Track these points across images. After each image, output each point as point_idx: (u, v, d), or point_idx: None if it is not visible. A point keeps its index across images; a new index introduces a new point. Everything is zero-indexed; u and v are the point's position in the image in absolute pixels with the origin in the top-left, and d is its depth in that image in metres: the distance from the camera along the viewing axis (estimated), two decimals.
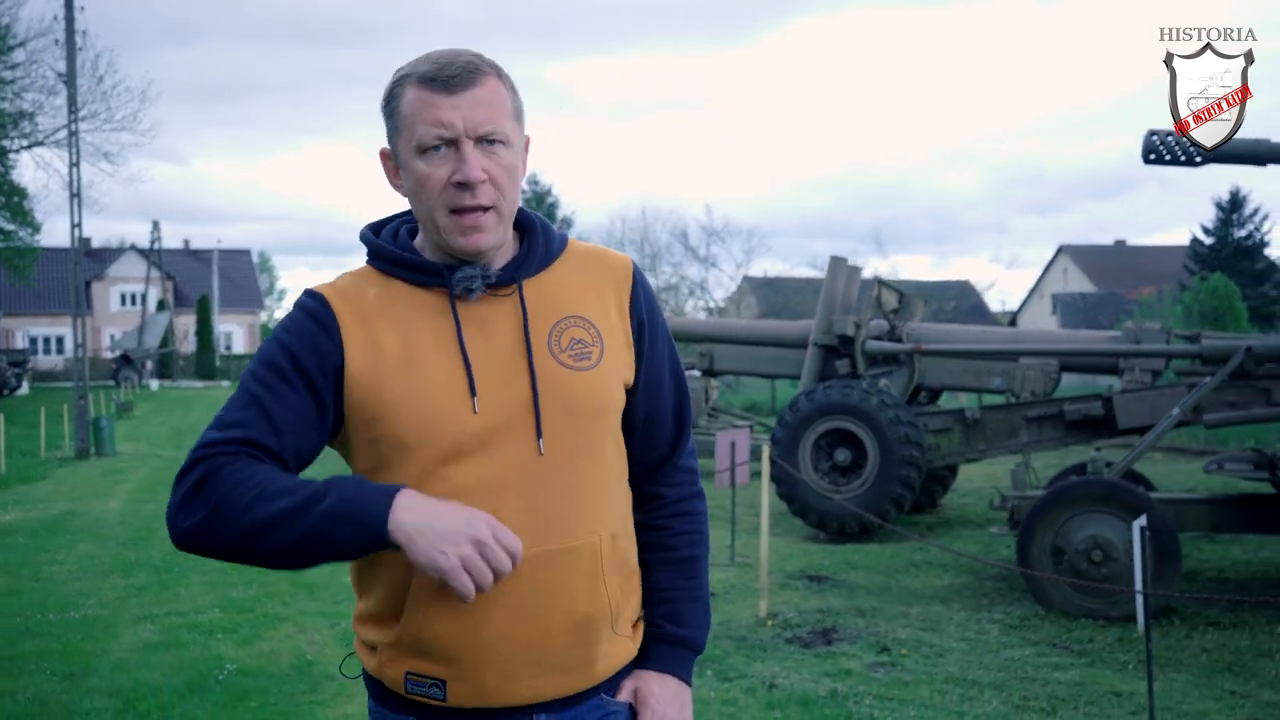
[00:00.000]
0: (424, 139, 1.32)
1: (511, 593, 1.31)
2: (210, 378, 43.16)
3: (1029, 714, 4.22)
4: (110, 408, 23.08)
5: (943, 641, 5.29)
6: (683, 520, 1.51)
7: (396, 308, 1.38)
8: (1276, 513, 6.18)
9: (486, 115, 1.33)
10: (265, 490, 1.25)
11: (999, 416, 8.49)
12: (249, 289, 55.34)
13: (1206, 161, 4.26)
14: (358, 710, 4.25)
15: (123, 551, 7.93)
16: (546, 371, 1.37)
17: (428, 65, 1.34)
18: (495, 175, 1.33)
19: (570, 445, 1.36)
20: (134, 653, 5.14)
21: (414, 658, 1.36)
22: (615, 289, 1.45)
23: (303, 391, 1.34)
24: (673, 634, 1.47)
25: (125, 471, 13.49)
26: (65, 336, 46.47)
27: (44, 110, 26.02)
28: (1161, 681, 4.66)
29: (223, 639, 5.36)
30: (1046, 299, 47.14)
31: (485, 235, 1.34)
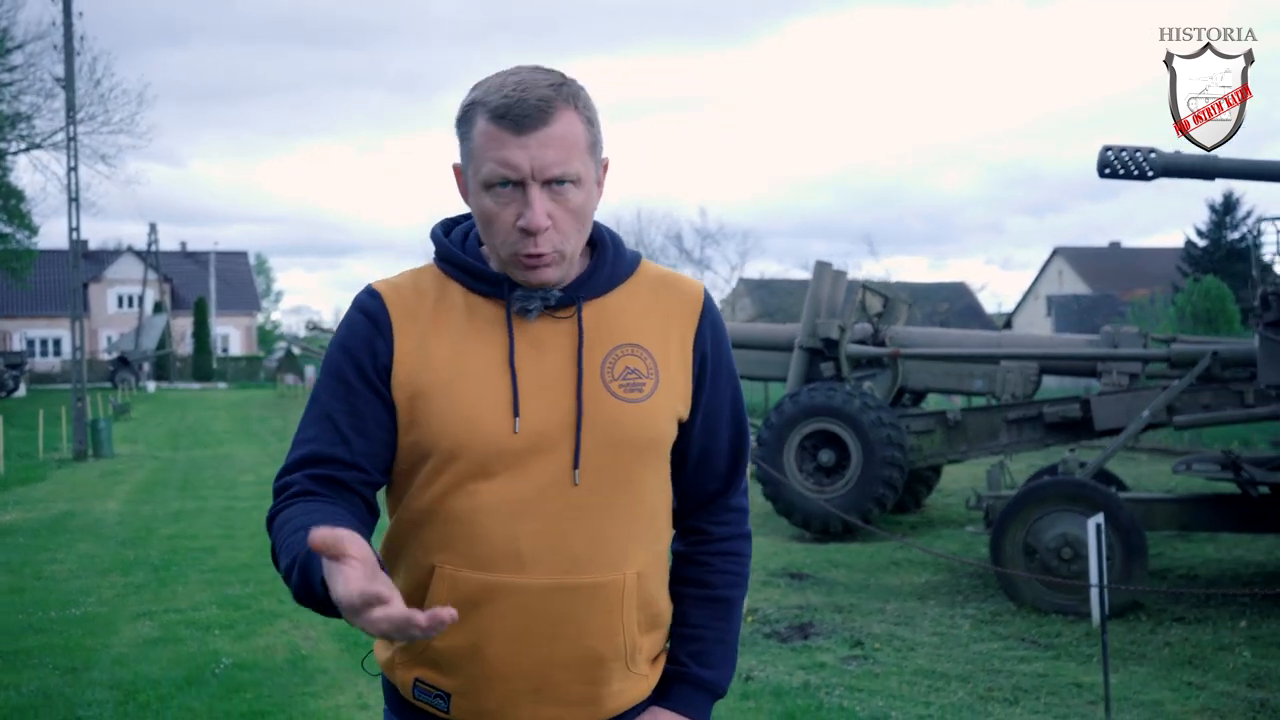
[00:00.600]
0: (490, 176, 1.29)
1: (518, 619, 1.30)
2: (207, 379, 43.28)
3: (992, 704, 4.40)
4: (108, 409, 23.21)
5: (915, 636, 5.48)
6: (725, 560, 1.46)
7: (453, 313, 1.36)
8: (1241, 512, 6.37)
9: (555, 157, 1.28)
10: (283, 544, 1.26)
11: (980, 418, 8.68)
12: (246, 291, 55.46)
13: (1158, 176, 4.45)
14: (349, 701, 4.43)
15: (121, 551, 8.10)
16: (594, 399, 1.33)
17: (499, 97, 1.29)
18: (559, 220, 1.30)
19: (608, 478, 1.33)
20: (133, 648, 5.31)
21: (424, 666, 1.35)
22: (681, 319, 1.41)
23: (367, 394, 1.33)
24: (696, 675, 1.43)
25: (123, 473, 13.65)
26: (62, 338, 46.56)
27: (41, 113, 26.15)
28: (1123, 674, 4.85)
29: (219, 635, 5.53)
30: (1042, 301, 47.34)
31: (548, 272, 1.32)
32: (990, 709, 4.33)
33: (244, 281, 55.84)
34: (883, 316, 9.67)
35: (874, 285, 9.95)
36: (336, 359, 1.37)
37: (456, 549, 1.31)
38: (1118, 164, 4.38)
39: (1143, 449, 14.37)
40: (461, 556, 1.31)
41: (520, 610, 1.30)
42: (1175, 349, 7.33)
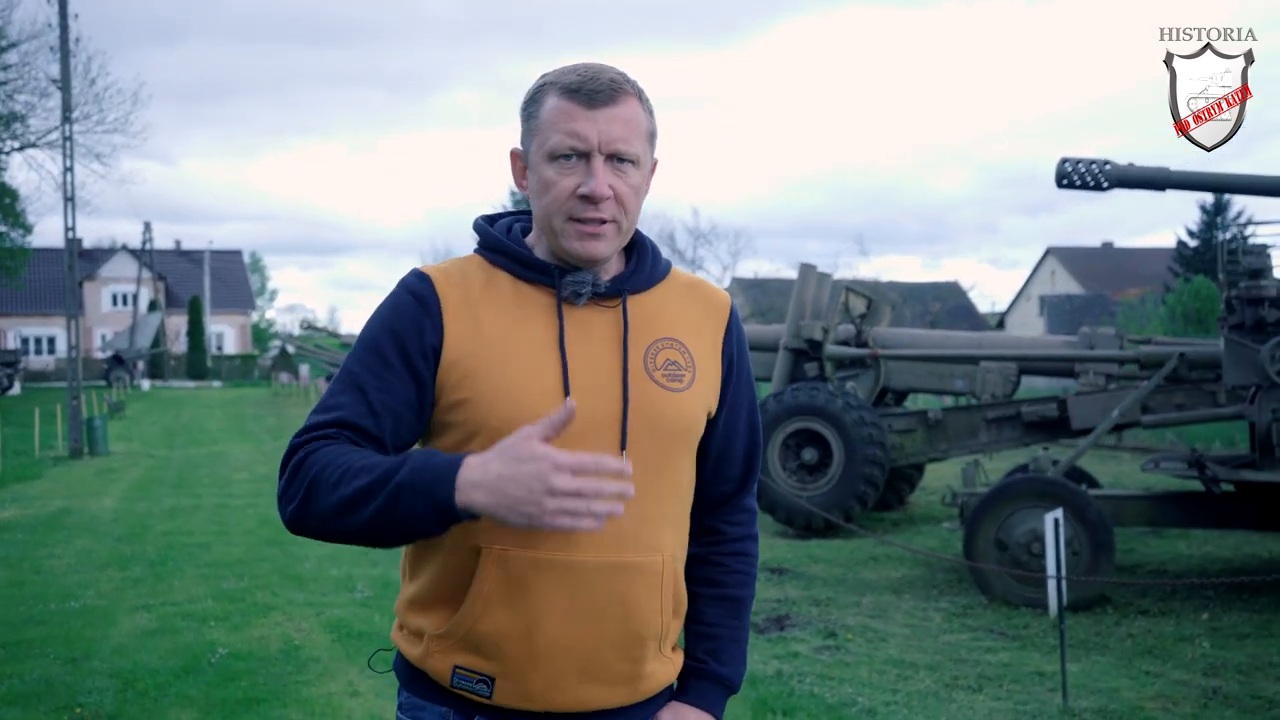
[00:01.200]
0: (557, 146, 1.35)
1: (571, 596, 1.33)
2: (201, 378, 43.35)
3: (957, 691, 4.60)
4: (102, 408, 23.33)
5: (887, 628, 5.67)
6: (737, 560, 1.52)
7: (502, 299, 1.39)
8: (1205, 508, 6.58)
9: (621, 133, 1.35)
10: (351, 468, 1.26)
11: (960, 418, 8.88)
12: (240, 289, 55.53)
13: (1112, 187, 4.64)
14: (340, 689, 4.61)
15: (118, 546, 8.25)
16: (639, 386, 1.39)
17: (574, 76, 1.37)
18: (620, 192, 1.36)
19: (650, 462, 1.37)
20: (132, 639, 5.48)
21: (465, 652, 1.36)
22: (713, 322, 1.48)
23: (403, 373, 1.35)
24: (714, 671, 1.48)
25: (119, 470, 13.79)
26: (56, 337, 46.60)
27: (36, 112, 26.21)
28: (1085, 663, 5.05)
29: (215, 626, 5.70)
30: (1034, 300, 47.61)
31: (602, 244, 1.37)
32: (954, 696, 4.53)
33: (238, 280, 55.91)
34: (866, 318, 9.86)
35: (857, 287, 10.14)
36: (377, 334, 1.38)
37: (506, 528, 1.30)
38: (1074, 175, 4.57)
39: (1125, 448, 14.61)
40: (511, 535, 1.32)
41: (571, 588, 1.33)
42: (1143, 350, 7.54)
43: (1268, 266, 6.20)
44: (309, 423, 1.35)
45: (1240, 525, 6.57)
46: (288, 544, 8.01)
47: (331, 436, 1.33)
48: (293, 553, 7.72)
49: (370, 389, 1.35)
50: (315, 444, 1.32)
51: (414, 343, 1.36)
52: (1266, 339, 6.08)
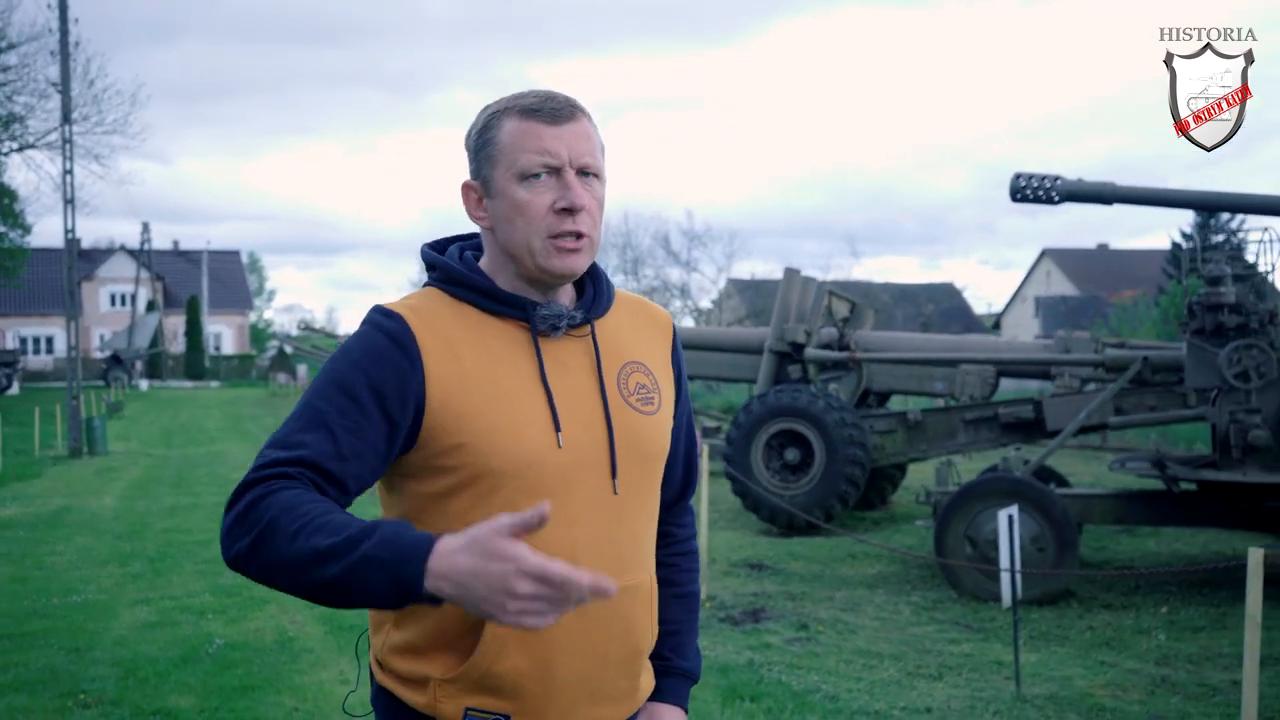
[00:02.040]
0: (528, 166, 1.34)
1: (582, 626, 1.35)
2: (199, 378, 43.54)
3: (919, 679, 4.83)
4: (101, 408, 23.53)
5: (858, 620, 5.91)
6: (686, 559, 1.59)
7: (476, 335, 1.37)
8: (1167, 507, 6.82)
9: (587, 148, 1.37)
10: (312, 522, 1.18)
11: (939, 419, 9.11)
12: (238, 290, 55.71)
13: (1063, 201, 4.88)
14: (331, 677, 4.83)
15: (118, 544, 8.47)
16: (619, 413, 1.40)
17: (529, 99, 1.38)
18: (591, 207, 1.37)
19: (638, 486, 1.41)
20: (132, 631, 5.71)
21: (478, 694, 1.34)
22: (661, 339, 1.52)
23: (377, 419, 1.30)
24: (680, 667, 1.55)
25: (118, 470, 14.00)
26: (55, 336, 46.78)
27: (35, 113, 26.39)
28: (1044, 653, 5.29)
29: (213, 619, 5.93)
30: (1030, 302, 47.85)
31: (581, 258, 1.37)
32: (915, 684, 4.76)
33: (236, 280, 56.09)
34: (849, 321, 10.10)
35: (840, 291, 10.38)
36: (349, 375, 1.31)
37: None
38: (1028, 189, 4.81)
39: (1110, 448, 14.86)
40: None
41: (583, 618, 1.33)
42: (1109, 354, 7.78)
43: (1225, 274, 6.44)
44: (267, 458, 1.26)
45: (1202, 523, 6.81)
46: None
47: (292, 476, 1.25)
48: None
49: (339, 431, 1.28)
50: (274, 484, 1.23)
51: (392, 387, 1.30)
52: (1225, 343, 6.31)
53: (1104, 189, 4.96)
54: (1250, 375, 6.23)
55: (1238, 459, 6.35)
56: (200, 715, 4.33)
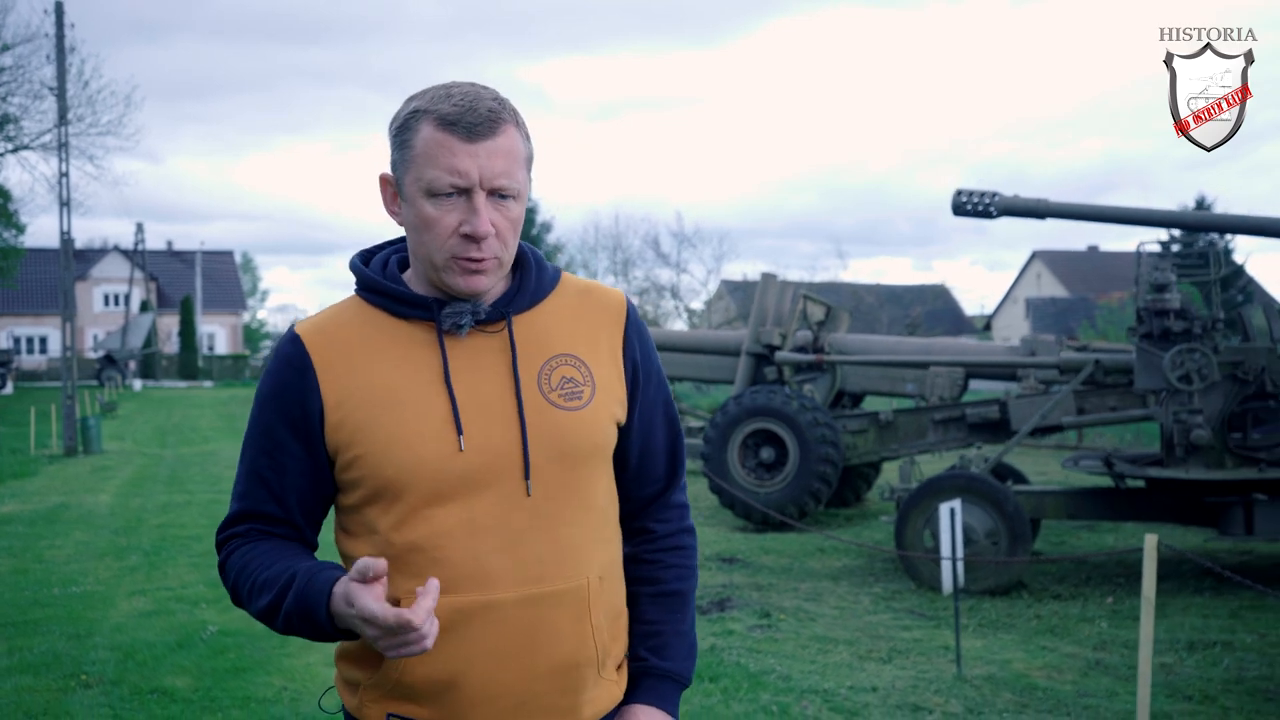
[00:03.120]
0: (436, 183, 1.30)
1: (495, 636, 1.31)
2: (193, 378, 43.75)
3: (869, 662, 5.16)
4: (95, 407, 23.77)
5: (818, 609, 6.24)
6: (672, 554, 1.51)
7: (381, 341, 1.36)
8: (1116, 503, 7.16)
9: (503, 168, 1.31)
10: (256, 582, 1.33)
11: (909, 419, 9.45)
12: (232, 290, 55.93)
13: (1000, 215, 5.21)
14: (318, 660, 5.14)
15: (115, 539, 8.76)
16: (536, 410, 1.35)
17: (449, 106, 1.31)
18: (502, 229, 1.33)
19: (559, 486, 1.35)
20: (130, 618, 6.01)
21: (397, 699, 1.34)
22: (609, 327, 1.44)
23: (294, 447, 1.35)
24: (658, 667, 1.47)
25: (113, 468, 14.27)
26: (49, 336, 46.95)
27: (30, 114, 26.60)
28: (990, 639, 5.62)
29: (206, 607, 6.24)
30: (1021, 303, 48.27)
31: (484, 279, 1.34)
32: (865, 666, 5.09)
33: (230, 280, 56.30)
34: (824, 324, 10.43)
35: (815, 295, 10.71)
36: (261, 411, 1.38)
37: (420, 578, 1.29)
38: (968, 204, 5.15)
39: (1087, 448, 15.22)
40: None
41: (495, 627, 1.31)
42: (1063, 357, 8.12)
43: (1170, 282, 6.78)
44: (228, 514, 1.43)
45: (1149, 518, 7.15)
46: None
47: (241, 535, 1.39)
48: None
49: (265, 472, 1.37)
50: (232, 545, 1.40)
51: (296, 411, 1.35)
52: (1170, 347, 6.66)
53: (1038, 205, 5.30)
54: (1192, 378, 6.57)
55: (1181, 457, 6.69)
56: (195, 694, 4.63)
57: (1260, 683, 4.84)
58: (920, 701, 4.54)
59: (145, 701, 4.53)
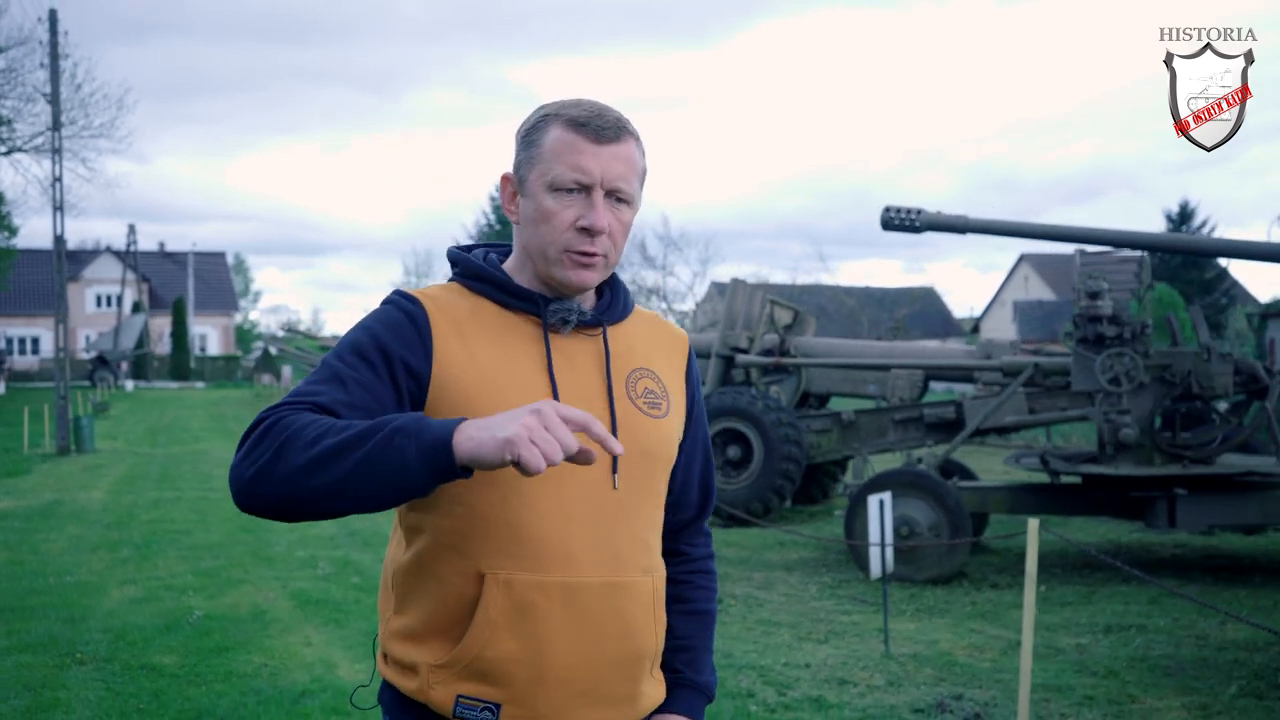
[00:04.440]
0: (560, 178, 1.37)
1: (576, 618, 1.36)
2: (185, 379, 44.02)
3: (807, 643, 5.58)
4: (88, 407, 24.09)
5: (768, 596, 6.66)
6: (701, 577, 1.60)
7: (488, 326, 1.41)
8: (1053, 497, 7.60)
9: (622, 172, 1.39)
10: (334, 426, 1.22)
11: (870, 419, 9.88)
12: (224, 291, 56.19)
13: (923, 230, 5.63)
14: (297, 641, 5.54)
15: (107, 533, 9.14)
16: (624, 412, 1.43)
17: (580, 111, 1.40)
18: (614, 230, 1.40)
19: (639, 485, 1.42)
20: (121, 605, 6.40)
21: (469, 680, 1.36)
22: (676, 357, 1.55)
23: (386, 380, 1.35)
24: (692, 680, 1.54)
25: (105, 467, 14.63)
26: (41, 337, 47.17)
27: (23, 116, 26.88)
28: (924, 623, 6.05)
29: (194, 595, 6.63)
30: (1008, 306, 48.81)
31: (593, 274, 1.40)
32: (802, 646, 5.51)
33: (222, 281, 56.58)
34: (791, 328, 10.86)
35: (782, 300, 11.13)
36: (364, 340, 1.37)
37: (509, 553, 1.34)
38: (895, 219, 5.57)
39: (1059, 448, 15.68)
40: (514, 560, 1.35)
41: (575, 609, 1.35)
42: (1005, 361, 8.55)
43: (1103, 289, 7.21)
44: (283, 401, 1.31)
45: (1084, 511, 7.60)
46: (261, 530, 8.93)
47: (308, 408, 1.29)
48: (265, 538, 8.64)
49: (351, 384, 1.33)
50: (288, 410, 1.28)
51: (398, 354, 1.36)
52: (1102, 351, 7.10)
53: (958, 221, 5.73)
54: (1121, 380, 7.01)
55: (1111, 454, 7.13)
56: (181, 670, 5.03)
57: (1163, 660, 5.27)
58: (847, 676, 4.96)
59: (135, 676, 4.92)
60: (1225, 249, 6.09)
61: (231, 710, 4.43)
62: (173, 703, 4.54)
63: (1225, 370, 7.26)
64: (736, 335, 10.38)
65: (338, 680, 4.84)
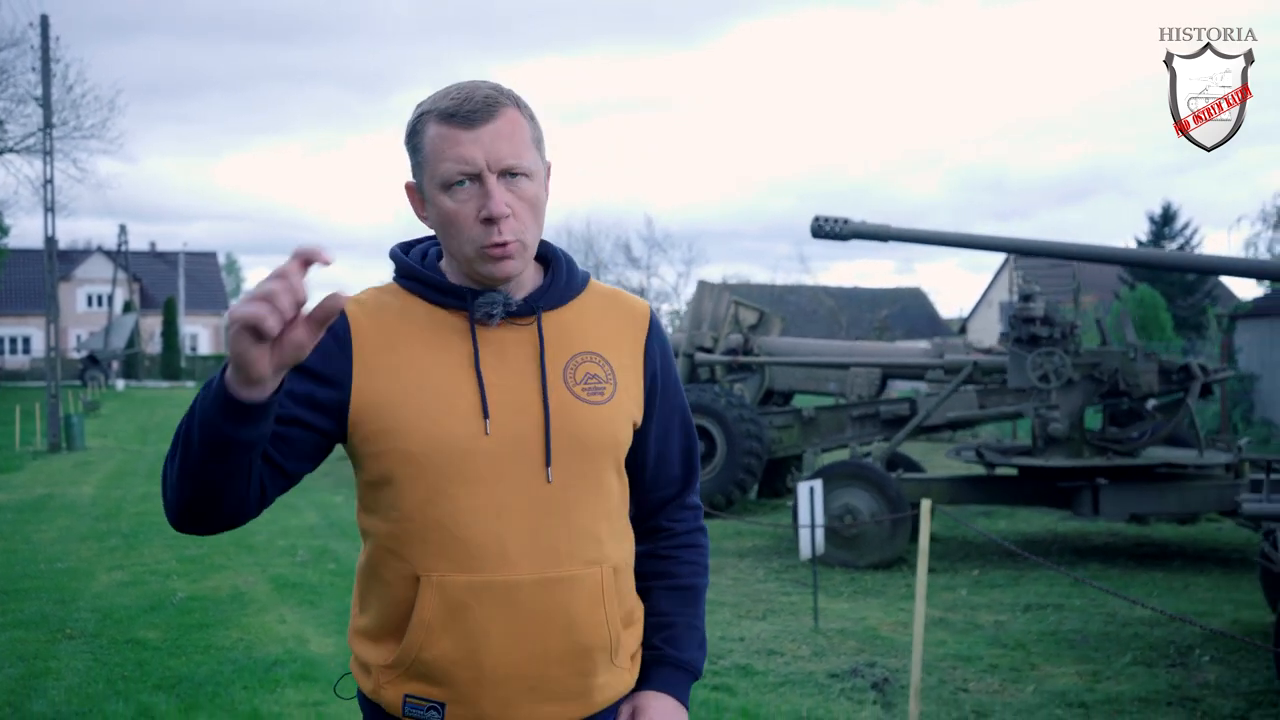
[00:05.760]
0: (448, 175, 1.35)
1: (512, 616, 1.35)
2: (175, 378, 44.32)
3: (746, 620, 6.02)
4: (79, 406, 24.43)
5: (718, 580, 7.10)
6: (686, 551, 1.57)
7: (416, 326, 1.40)
8: (993, 488, 8.06)
9: (508, 149, 1.35)
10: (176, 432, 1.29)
11: (830, 415, 10.33)
12: (215, 291, 56.48)
13: (849, 238, 6.08)
14: (273, 619, 5.96)
15: (96, 524, 9.54)
16: (559, 402, 1.40)
17: (447, 101, 1.36)
18: (518, 209, 1.37)
19: (577, 476, 1.39)
20: (109, 588, 6.82)
21: (413, 680, 1.38)
22: (632, 332, 1.50)
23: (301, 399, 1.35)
24: (671, 656, 1.52)
25: (95, 463, 15.01)
26: (31, 336, 47.40)
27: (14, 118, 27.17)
28: (859, 603, 6.50)
29: (177, 579, 7.05)
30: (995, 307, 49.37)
31: (512, 263, 1.38)
32: (740, 623, 5.95)
33: (213, 281, 56.86)
34: (756, 328, 11.32)
35: (746, 301, 11.58)
36: None
37: (442, 555, 1.35)
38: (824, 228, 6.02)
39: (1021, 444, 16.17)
40: (448, 562, 1.35)
41: (513, 607, 1.35)
42: (947, 359, 9.03)
43: (1035, 292, 7.68)
44: None
45: (1019, 502, 8.06)
46: None
47: None
48: (247, 528, 9.04)
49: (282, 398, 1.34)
50: None
51: (319, 371, 1.37)
52: (1034, 350, 7.56)
53: (880, 230, 6.19)
54: (1050, 377, 7.48)
55: (1042, 448, 7.60)
56: (164, 644, 5.45)
57: (1070, 635, 5.74)
58: (776, 648, 5.41)
59: (121, 649, 5.35)
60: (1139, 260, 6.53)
61: (209, 677, 4.85)
62: (155, 671, 4.97)
63: (1150, 369, 7.73)
64: (702, 335, 10.83)
65: (308, 652, 5.26)
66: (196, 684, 4.76)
